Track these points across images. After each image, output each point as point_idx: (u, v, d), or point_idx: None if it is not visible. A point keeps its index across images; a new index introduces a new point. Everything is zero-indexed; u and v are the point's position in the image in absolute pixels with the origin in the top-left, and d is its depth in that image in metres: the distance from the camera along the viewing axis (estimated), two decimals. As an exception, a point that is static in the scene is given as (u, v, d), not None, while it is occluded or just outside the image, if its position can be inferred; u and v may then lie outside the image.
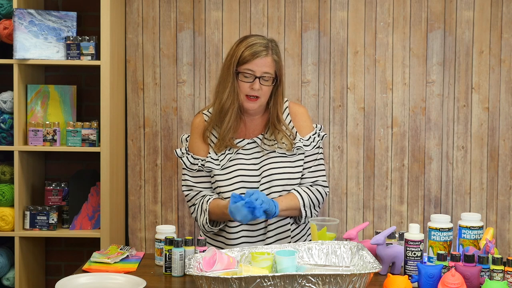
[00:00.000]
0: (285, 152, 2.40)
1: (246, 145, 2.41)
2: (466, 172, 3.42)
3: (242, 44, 2.34)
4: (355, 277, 1.80)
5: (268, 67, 2.32)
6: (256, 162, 2.39)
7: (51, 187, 3.27)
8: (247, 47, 2.31)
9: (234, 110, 2.34)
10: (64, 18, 3.21)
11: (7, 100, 3.19)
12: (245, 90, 2.32)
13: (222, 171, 2.38)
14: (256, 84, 2.31)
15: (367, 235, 3.40)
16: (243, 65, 2.31)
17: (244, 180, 2.36)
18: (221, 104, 2.35)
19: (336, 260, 2.10)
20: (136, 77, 3.44)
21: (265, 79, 2.32)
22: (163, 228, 2.30)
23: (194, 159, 2.41)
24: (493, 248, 2.03)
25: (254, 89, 2.31)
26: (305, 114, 2.49)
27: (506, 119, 3.41)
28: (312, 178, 2.44)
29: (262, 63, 2.31)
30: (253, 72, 2.31)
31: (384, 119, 3.42)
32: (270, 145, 2.39)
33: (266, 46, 2.33)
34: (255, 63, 2.30)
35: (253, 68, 2.30)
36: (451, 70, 3.41)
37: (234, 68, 2.32)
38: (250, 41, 2.34)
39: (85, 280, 2.10)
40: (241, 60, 2.31)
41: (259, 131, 2.44)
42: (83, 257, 3.51)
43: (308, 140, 2.43)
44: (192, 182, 2.43)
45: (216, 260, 1.94)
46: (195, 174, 2.43)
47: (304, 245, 2.11)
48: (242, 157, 2.40)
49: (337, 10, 3.40)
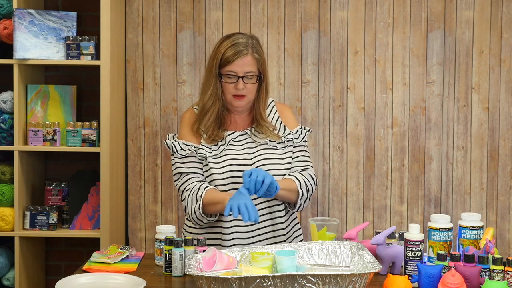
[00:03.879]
0: (275, 144, 2.43)
1: (237, 136, 2.44)
2: (466, 172, 3.42)
3: (223, 45, 2.36)
4: (355, 277, 1.81)
5: (249, 66, 2.34)
6: (250, 152, 2.42)
7: (51, 187, 3.27)
8: (227, 48, 2.34)
9: (214, 110, 2.39)
10: (64, 18, 3.21)
11: (7, 100, 3.19)
12: (230, 90, 2.36)
13: (216, 160, 2.40)
14: (240, 84, 2.34)
15: (367, 235, 3.40)
16: (225, 67, 2.34)
17: (236, 169, 2.38)
18: (203, 104, 2.41)
19: (336, 260, 2.10)
20: (136, 77, 3.44)
21: (248, 77, 2.35)
22: (163, 228, 2.30)
23: (186, 145, 2.42)
24: (493, 248, 2.03)
25: (239, 88, 2.34)
26: (291, 111, 2.57)
27: (506, 119, 3.41)
28: (301, 167, 2.47)
29: (243, 63, 2.33)
30: (235, 73, 2.33)
31: (384, 119, 3.42)
32: (261, 137, 2.44)
33: (246, 45, 2.34)
34: (236, 64, 2.33)
35: (235, 69, 2.33)
36: (451, 70, 3.41)
37: (216, 70, 2.36)
38: (230, 41, 2.35)
39: (85, 280, 2.10)
40: (222, 62, 2.34)
41: (248, 125, 2.48)
42: (83, 257, 3.51)
43: (297, 133, 2.48)
44: (183, 168, 2.41)
45: (216, 260, 1.94)
46: (185, 160, 2.42)
47: (304, 245, 2.11)
48: (234, 147, 2.43)
49: (337, 10, 3.40)
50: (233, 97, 2.37)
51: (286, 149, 2.45)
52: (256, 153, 2.42)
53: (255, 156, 2.41)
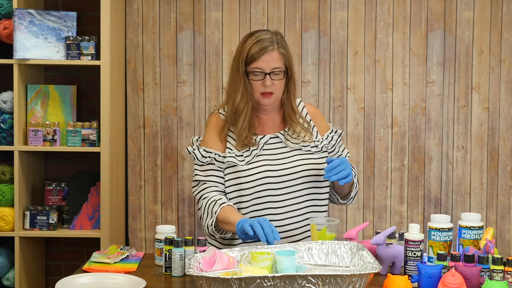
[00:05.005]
0: (310, 149, 2.39)
1: (269, 139, 2.39)
2: (466, 172, 3.42)
3: (247, 42, 2.31)
4: (355, 278, 1.80)
5: (276, 61, 2.29)
6: (283, 157, 2.38)
7: (51, 187, 3.27)
8: (252, 45, 2.28)
9: (248, 109, 2.33)
10: (64, 18, 3.21)
11: (7, 100, 3.19)
12: (258, 88, 2.31)
13: (247, 166, 2.34)
14: (267, 80, 2.29)
15: (367, 235, 3.40)
16: (251, 64, 2.29)
17: (269, 175, 2.33)
18: (235, 105, 2.33)
19: (336, 260, 2.09)
20: (136, 77, 3.44)
21: (276, 74, 2.30)
22: (163, 228, 2.30)
23: (206, 152, 2.37)
24: (493, 248, 2.03)
25: (266, 85, 2.29)
26: (321, 114, 2.54)
27: (506, 119, 3.41)
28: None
29: (269, 59, 2.28)
30: (261, 69, 2.28)
31: (384, 119, 3.42)
32: (294, 142, 2.39)
33: (271, 40, 2.30)
34: (262, 60, 2.27)
35: (261, 65, 2.28)
36: (451, 70, 3.41)
37: (242, 68, 2.30)
38: (254, 37, 2.30)
39: (85, 280, 2.09)
40: (248, 60, 2.29)
41: (280, 127, 2.43)
42: (83, 257, 3.51)
43: (327, 139, 2.45)
44: (202, 176, 2.38)
45: (216, 260, 1.94)
46: (205, 167, 2.38)
47: (304, 245, 2.11)
48: (267, 153, 2.37)
49: (337, 10, 3.40)
50: (261, 95, 2.32)
51: (321, 154, 2.41)
52: (291, 158, 2.37)
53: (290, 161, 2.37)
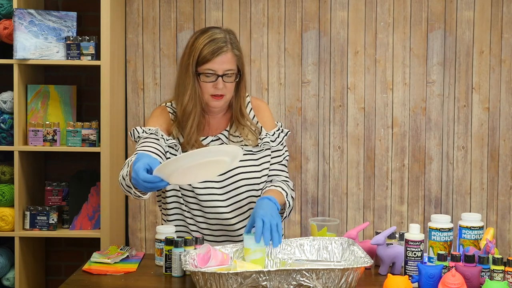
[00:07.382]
0: (251, 149, 2.27)
1: (210, 142, 2.28)
2: (466, 172, 3.42)
3: (199, 41, 2.15)
4: (347, 271, 1.83)
5: (229, 63, 2.15)
6: None
7: (51, 187, 3.27)
8: (205, 45, 2.13)
9: (197, 112, 2.20)
10: (64, 18, 3.20)
11: (7, 100, 3.19)
12: (209, 90, 2.17)
13: None
14: (220, 83, 2.15)
15: (367, 235, 3.40)
16: (203, 65, 2.14)
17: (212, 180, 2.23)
18: (183, 107, 2.20)
19: (328, 256, 2.11)
20: (136, 77, 3.44)
21: (228, 76, 2.16)
22: (163, 229, 2.29)
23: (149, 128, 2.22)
24: (494, 248, 2.03)
25: (218, 88, 2.15)
26: (268, 109, 2.38)
27: (506, 119, 3.41)
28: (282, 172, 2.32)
29: (223, 61, 2.14)
30: (214, 71, 2.14)
31: (385, 119, 3.42)
32: (236, 141, 2.27)
33: (225, 41, 2.15)
34: (215, 61, 2.13)
35: (214, 67, 2.14)
36: (452, 70, 3.41)
37: (193, 68, 2.16)
38: (207, 36, 2.15)
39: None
40: (200, 60, 2.14)
41: (222, 128, 2.31)
42: (83, 257, 3.51)
43: (274, 136, 2.32)
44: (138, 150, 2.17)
45: (210, 256, 1.95)
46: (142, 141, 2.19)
47: (295, 241, 2.13)
48: None
49: (337, 10, 3.40)
50: (211, 97, 2.19)
51: (263, 153, 2.30)
52: None
53: None
